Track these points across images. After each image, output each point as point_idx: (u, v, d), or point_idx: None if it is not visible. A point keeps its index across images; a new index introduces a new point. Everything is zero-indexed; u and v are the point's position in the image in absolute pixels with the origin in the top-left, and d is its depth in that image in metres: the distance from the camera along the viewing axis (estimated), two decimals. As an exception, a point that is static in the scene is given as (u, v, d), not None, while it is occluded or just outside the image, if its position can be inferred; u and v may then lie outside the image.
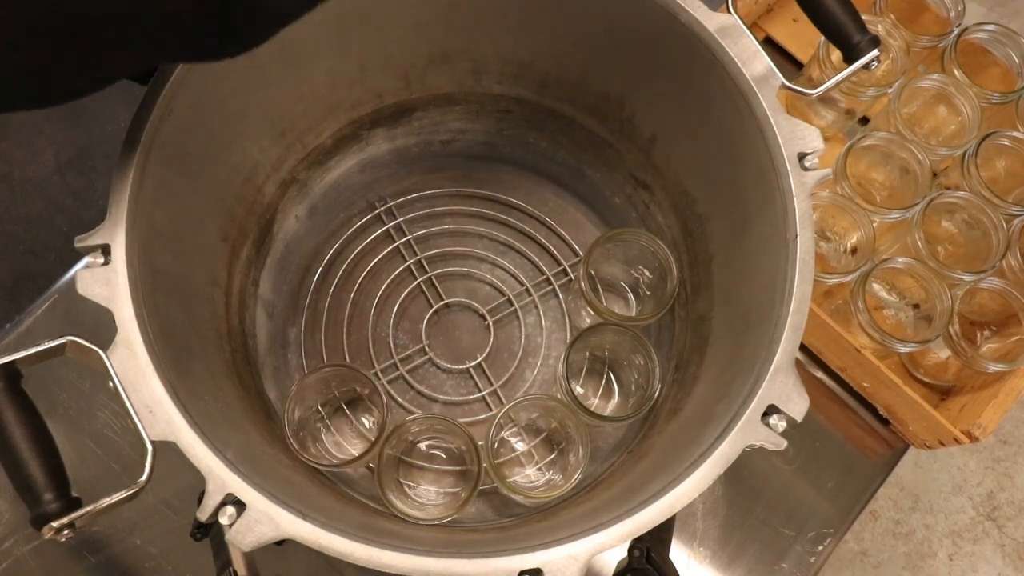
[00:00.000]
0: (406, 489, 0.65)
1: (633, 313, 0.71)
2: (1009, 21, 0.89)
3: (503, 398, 0.69)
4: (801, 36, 0.87)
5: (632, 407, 0.63)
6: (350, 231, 0.73)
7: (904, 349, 0.68)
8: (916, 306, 0.76)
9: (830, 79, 0.53)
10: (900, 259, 0.70)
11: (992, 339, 0.76)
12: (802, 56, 0.87)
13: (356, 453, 0.64)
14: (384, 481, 0.58)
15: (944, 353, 0.73)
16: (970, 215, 0.73)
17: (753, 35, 0.52)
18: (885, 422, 0.76)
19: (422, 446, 0.67)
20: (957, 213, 0.74)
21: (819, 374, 0.77)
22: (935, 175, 0.74)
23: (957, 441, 0.68)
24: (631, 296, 0.72)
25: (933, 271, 0.69)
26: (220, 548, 0.54)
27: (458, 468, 0.66)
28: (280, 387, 0.66)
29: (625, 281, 0.72)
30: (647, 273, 0.69)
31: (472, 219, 0.75)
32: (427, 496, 0.66)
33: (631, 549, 0.53)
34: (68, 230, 1.47)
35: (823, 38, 0.60)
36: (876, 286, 0.77)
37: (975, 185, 0.71)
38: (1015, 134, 0.73)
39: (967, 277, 0.69)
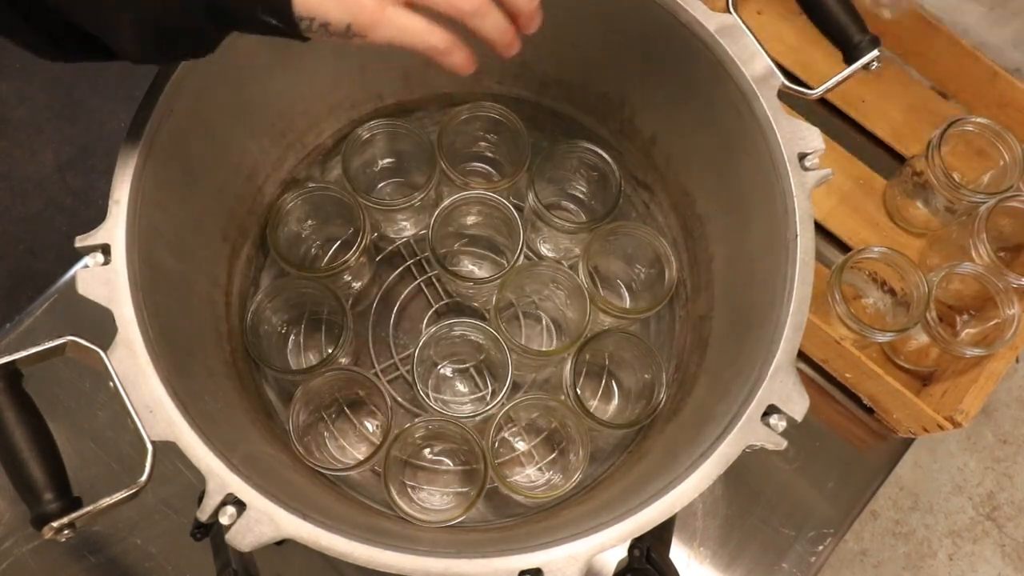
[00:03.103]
0: (413, 491, 0.65)
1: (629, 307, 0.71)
2: (1009, 21, 0.89)
3: (503, 398, 0.69)
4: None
5: (636, 415, 0.63)
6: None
7: (883, 339, 0.69)
8: (893, 292, 0.76)
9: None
10: (875, 248, 0.71)
11: (971, 323, 0.77)
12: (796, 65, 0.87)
13: (360, 457, 0.64)
14: (391, 484, 0.58)
15: (924, 338, 0.73)
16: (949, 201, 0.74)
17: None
18: (870, 411, 0.76)
19: (427, 448, 0.67)
20: (932, 200, 0.76)
21: (801, 365, 0.77)
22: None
23: (940, 427, 0.69)
24: (630, 290, 0.72)
25: (908, 259, 0.70)
26: (220, 548, 0.54)
27: (463, 468, 0.66)
28: (280, 387, 0.66)
29: (624, 275, 0.72)
30: (646, 267, 0.69)
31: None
32: (434, 498, 0.66)
33: (631, 549, 0.53)
34: (68, 230, 1.47)
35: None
36: (854, 274, 0.77)
37: (938, 173, 0.72)
38: (979, 120, 0.74)
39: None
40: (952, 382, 0.72)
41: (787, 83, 0.51)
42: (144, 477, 0.41)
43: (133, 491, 0.41)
